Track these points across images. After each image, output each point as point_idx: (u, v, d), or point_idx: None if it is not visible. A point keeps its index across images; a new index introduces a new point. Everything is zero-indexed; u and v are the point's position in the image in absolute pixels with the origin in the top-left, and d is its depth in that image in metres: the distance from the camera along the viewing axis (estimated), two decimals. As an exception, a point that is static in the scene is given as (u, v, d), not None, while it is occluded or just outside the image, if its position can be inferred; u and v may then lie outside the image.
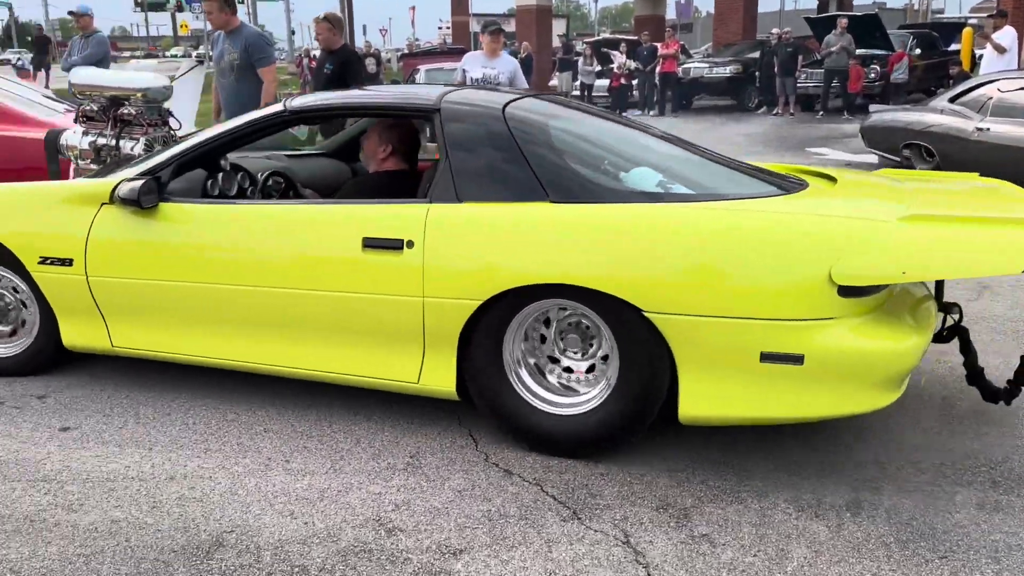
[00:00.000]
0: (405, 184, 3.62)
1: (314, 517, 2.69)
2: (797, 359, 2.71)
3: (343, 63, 6.45)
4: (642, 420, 2.97)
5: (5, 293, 3.81)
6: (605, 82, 20.62)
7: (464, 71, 6.76)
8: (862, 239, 2.73)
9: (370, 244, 3.10)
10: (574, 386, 3.12)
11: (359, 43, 30.57)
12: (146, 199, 3.36)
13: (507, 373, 3.09)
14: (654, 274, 2.80)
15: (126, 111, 4.76)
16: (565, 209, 2.96)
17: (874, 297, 2.80)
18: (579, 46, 23.63)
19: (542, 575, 2.42)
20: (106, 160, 4.74)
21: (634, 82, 20.06)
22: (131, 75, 5.21)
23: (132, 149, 4.69)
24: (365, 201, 3.27)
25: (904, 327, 2.82)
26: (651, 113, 19.25)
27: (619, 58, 20.23)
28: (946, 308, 3.29)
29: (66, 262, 3.52)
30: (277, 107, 3.58)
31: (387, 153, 3.79)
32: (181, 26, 55.27)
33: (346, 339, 3.24)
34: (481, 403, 3.17)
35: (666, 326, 2.81)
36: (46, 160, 5.59)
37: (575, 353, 3.09)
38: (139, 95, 4.76)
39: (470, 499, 2.82)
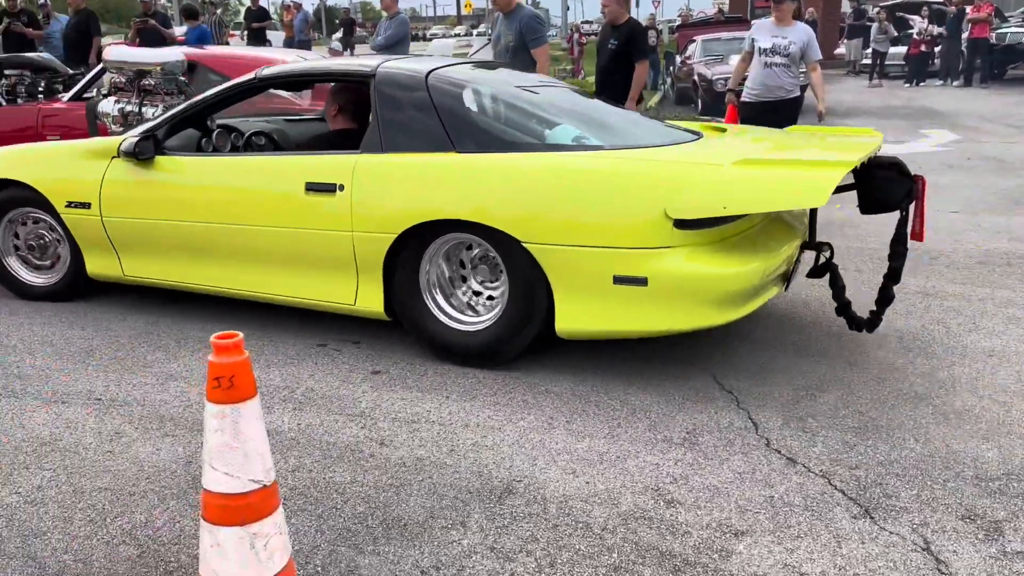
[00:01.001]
0: (351, 139, 4.10)
1: (595, 478, 2.79)
2: (642, 281, 3.28)
3: (629, 37, 6.46)
4: (525, 334, 3.58)
5: (44, 233, 4.58)
6: (901, 50, 18.82)
7: (753, 40, 6.50)
8: (693, 180, 3.30)
9: (311, 188, 3.76)
10: (478, 308, 3.73)
11: (640, 16, 30.47)
12: (141, 153, 4.08)
13: (423, 295, 3.70)
14: (529, 211, 3.39)
15: (148, 82, 5.69)
16: (467, 158, 3.58)
17: (717, 229, 3.31)
18: (872, 11, 21.71)
19: (831, 570, 2.32)
20: (132, 124, 5.51)
21: (936, 49, 18.09)
22: (152, 51, 6.32)
23: (152, 114, 5.45)
24: (310, 153, 3.98)
25: (739, 256, 3.33)
26: (955, 84, 17.28)
27: (920, 22, 18.33)
28: (817, 247, 3.85)
29: (85, 205, 4.29)
30: (248, 76, 4.22)
31: (336, 112, 4.45)
32: (465, 6, 58.58)
33: (298, 268, 3.90)
34: (404, 320, 3.79)
35: (541, 254, 3.40)
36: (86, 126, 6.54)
37: (483, 282, 3.71)
38: (158, 68, 5.73)
39: (751, 483, 2.77)
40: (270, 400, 3.38)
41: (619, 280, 3.30)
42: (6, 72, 7.98)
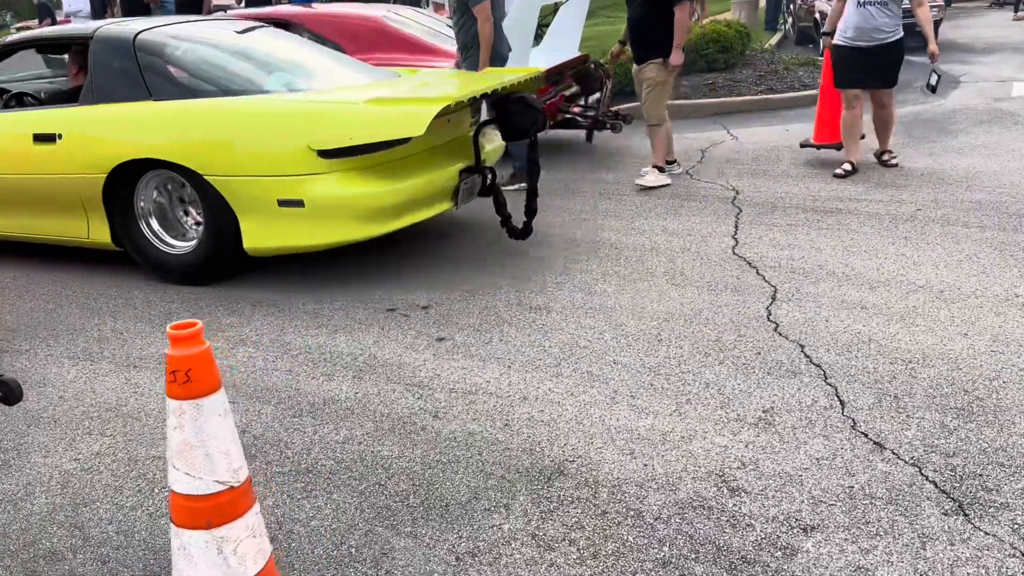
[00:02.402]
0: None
1: (654, 460, 2.60)
2: (299, 203, 3.94)
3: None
4: (224, 254, 4.22)
5: None
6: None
7: None
8: (328, 117, 3.99)
9: (37, 138, 4.40)
10: (189, 233, 4.40)
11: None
12: None
13: (140, 224, 4.36)
14: (207, 149, 4.04)
15: None
16: (160, 105, 4.24)
17: (364, 157, 3.94)
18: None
19: (910, 575, 2.06)
20: None
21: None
22: None
23: None
24: (38, 108, 4.78)
25: (384, 179, 4.01)
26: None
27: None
28: (481, 171, 4.51)
29: None
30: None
31: (76, 71, 5.04)
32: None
33: (39, 209, 4.53)
34: (128, 247, 4.42)
35: (221, 185, 4.03)
36: None
37: (192, 210, 4.36)
38: None
39: (829, 470, 2.50)
40: (332, 368, 3.34)
41: (283, 203, 3.95)
42: None
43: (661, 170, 5.94)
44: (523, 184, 6.00)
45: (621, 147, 7.27)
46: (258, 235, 4.09)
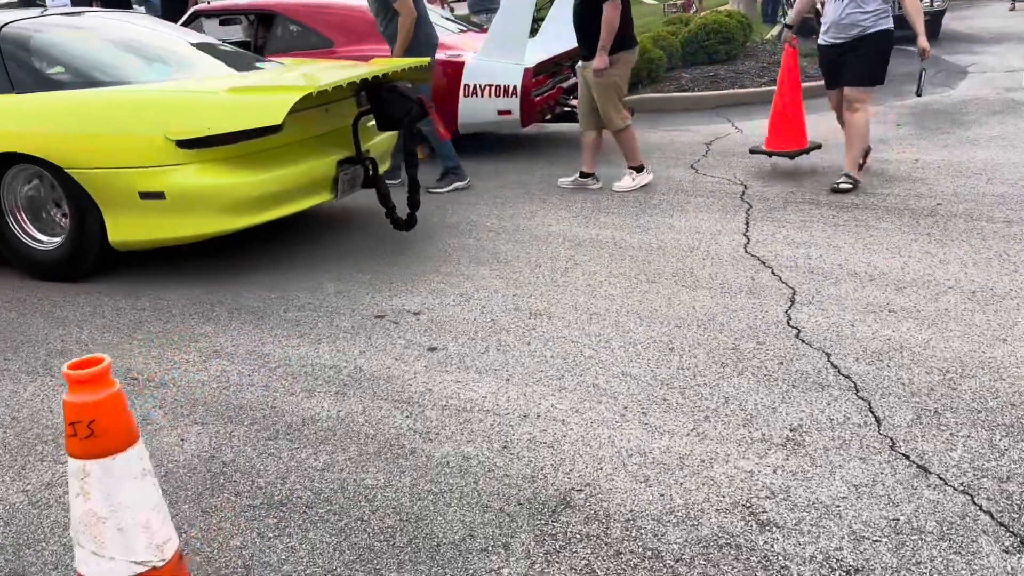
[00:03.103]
0: None
1: (672, 489, 2.31)
2: (160, 195, 3.84)
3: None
4: (91, 249, 4.11)
5: None
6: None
7: None
8: (185, 107, 3.93)
9: None
10: (57, 228, 4.23)
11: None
12: None
13: (6, 218, 4.23)
14: (66, 142, 3.92)
15: None
16: (21, 98, 4.11)
17: (227, 147, 3.83)
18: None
19: (975, 632, 1.77)
20: None
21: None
22: None
23: None
24: None
25: (249, 169, 3.89)
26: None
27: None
28: (362, 161, 4.41)
29: None
30: None
31: None
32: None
33: None
34: None
35: (82, 178, 3.92)
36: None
37: (60, 205, 4.17)
38: None
39: (869, 499, 2.22)
40: (313, 382, 3.05)
41: (144, 195, 3.86)
42: None
43: (638, 170, 5.50)
44: (458, 184, 5.76)
45: (622, 141, 6.96)
46: (122, 229, 4.01)
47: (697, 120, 7.72)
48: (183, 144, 3.78)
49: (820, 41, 5.26)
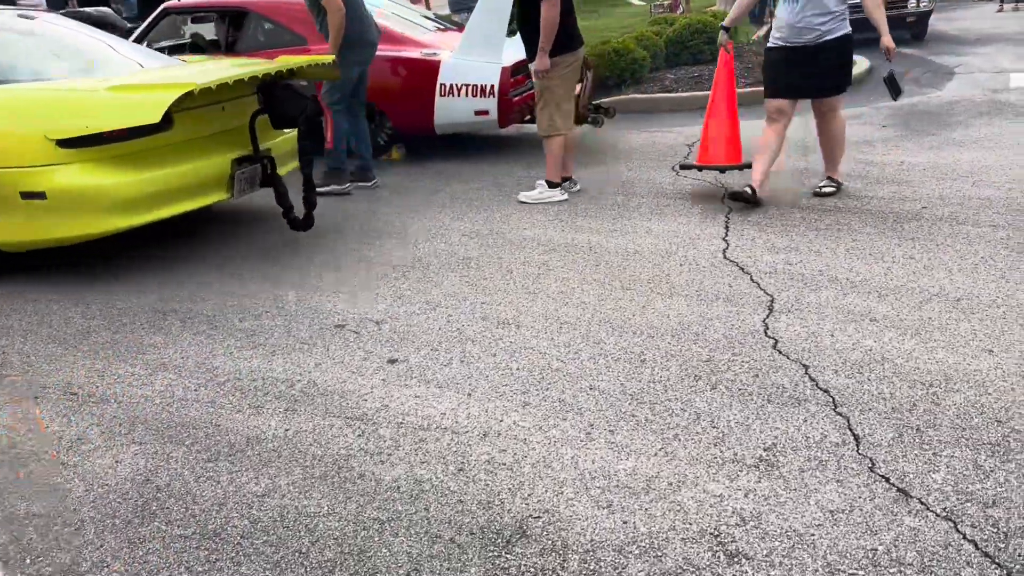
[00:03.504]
0: None
1: (636, 515, 2.15)
2: (41, 195, 3.77)
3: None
4: None
5: None
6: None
7: None
8: (67, 105, 3.91)
9: None
10: None
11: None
12: None
13: None
14: None
15: None
16: None
17: (114, 146, 3.79)
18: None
19: None
20: None
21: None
22: None
23: None
24: None
25: (133, 168, 3.85)
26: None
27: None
28: (260, 159, 4.37)
29: None
30: None
31: None
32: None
33: None
34: None
35: None
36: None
37: None
38: None
39: (846, 527, 2.07)
40: (262, 398, 2.87)
41: (25, 196, 3.79)
42: None
43: (553, 186, 5.16)
44: (366, 183, 5.66)
45: (602, 143, 6.83)
46: (5, 229, 3.94)
47: (680, 121, 7.58)
48: (63, 143, 3.73)
49: (770, 43, 4.81)
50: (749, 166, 4.94)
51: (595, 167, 6.01)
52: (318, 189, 5.52)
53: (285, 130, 4.70)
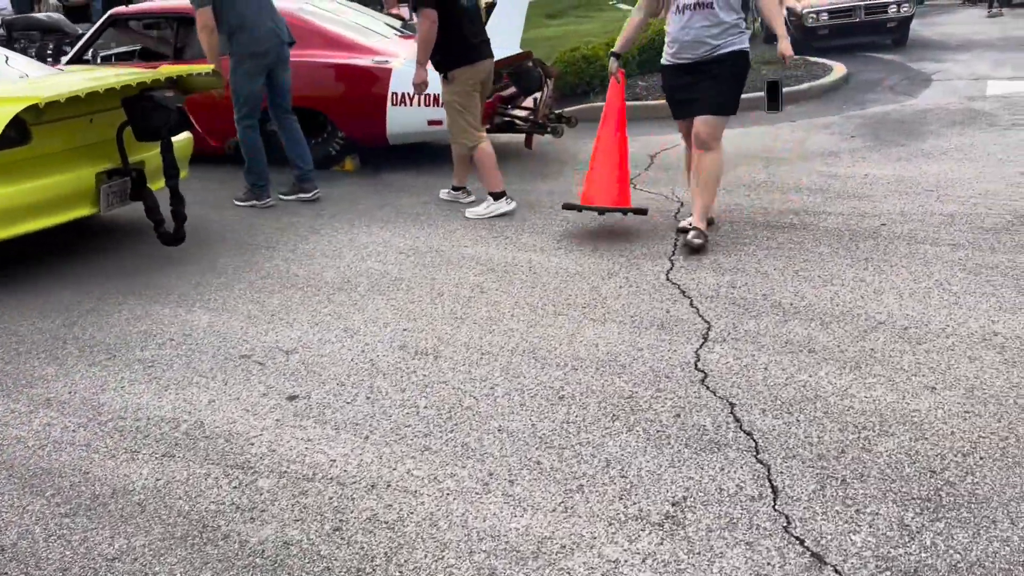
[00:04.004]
0: None
1: (519, 586, 1.93)
2: None
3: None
4: None
5: None
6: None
7: None
8: None
9: None
10: None
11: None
12: None
13: None
14: None
15: None
16: None
17: None
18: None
19: None
20: None
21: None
22: None
23: None
24: None
25: None
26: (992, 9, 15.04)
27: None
28: (129, 173, 4.34)
29: None
30: None
31: None
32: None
33: None
34: None
35: None
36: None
37: None
38: None
39: (747, 602, 1.85)
40: (141, 441, 2.65)
41: None
42: (14, 35, 7.55)
43: (498, 196, 4.95)
44: (306, 194, 5.48)
45: (562, 153, 6.62)
46: None
47: (648, 129, 7.36)
48: None
49: (663, 61, 4.35)
50: (636, 211, 4.42)
51: (552, 179, 5.80)
52: (283, 197, 5.40)
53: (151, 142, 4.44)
